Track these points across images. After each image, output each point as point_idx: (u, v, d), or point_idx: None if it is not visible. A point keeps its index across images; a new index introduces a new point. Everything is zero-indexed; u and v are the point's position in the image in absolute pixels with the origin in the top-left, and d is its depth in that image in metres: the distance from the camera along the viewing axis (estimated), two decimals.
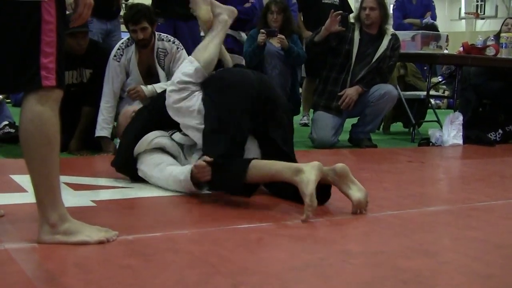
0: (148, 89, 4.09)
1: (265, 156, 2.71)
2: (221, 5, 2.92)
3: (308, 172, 2.34)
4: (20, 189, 2.68)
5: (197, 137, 2.73)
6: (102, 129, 4.08)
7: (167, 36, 4.23)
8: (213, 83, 2.75)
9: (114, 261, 1.81)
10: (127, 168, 2.95)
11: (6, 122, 4.52)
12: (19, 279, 1.63)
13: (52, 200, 1.88)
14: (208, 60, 2.78)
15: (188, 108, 2.71)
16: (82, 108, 4.18)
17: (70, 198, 2.48)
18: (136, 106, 3.59)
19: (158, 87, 4.09)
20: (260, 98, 2.69)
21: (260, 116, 2.71)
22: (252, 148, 2.73)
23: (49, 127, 1.85)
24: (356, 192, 2.47)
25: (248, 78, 2.74)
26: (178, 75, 2.79)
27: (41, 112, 1.84)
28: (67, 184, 2.79)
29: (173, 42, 4.20)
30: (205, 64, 2.77)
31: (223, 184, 2.53)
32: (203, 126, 2.67)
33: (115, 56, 4.10)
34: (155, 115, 2.97)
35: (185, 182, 2.63)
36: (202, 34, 6.36)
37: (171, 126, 2.89)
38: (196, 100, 2.71)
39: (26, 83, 1.85)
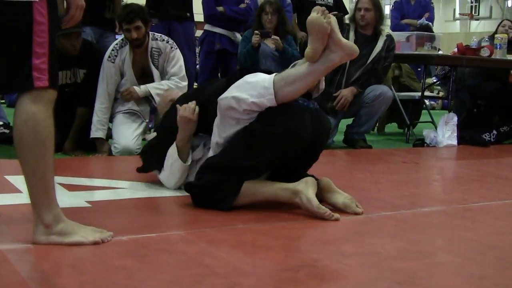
0: (141, 89, 4.11)
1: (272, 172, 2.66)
2: (342, 42, 2.35)
3: (305, 191, 2.37)
4: (14, 189, 2.68)
5: (214, 144, 2.56)
6: (97, 130, 4.08)
7: (161, 36, 4.24)
8: (264, 121, 2.40)
9: (109, 261, 1.80)
10: (153, 159, 2.86)
11: (1, 123, 4.51)
12: (13, 280, 1.63)
13: (46, 201, 1.88)
14: (286, 98, 2.39)
15: (234, 126, 2.45)
16: (76, 108, 4.18)
17: (65, 199, 2.47)
18: (176, 91, 3.60)
19: (151, 87, 4.10)
20: (304, 149, 2.47)
21: (292, 161, 2.52)
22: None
23: (43, 128, 1.84)
24: (340, 198, 2.51)
25: (303, 131, 2.42)
26: (245, 96, 2.37)
27: (35, 113, 1.83)
28: (62, 184, 2.79)
29: (167, 42, 4.21)
30: (281, 101, 2.38)
31: (208, 205, 2.47)
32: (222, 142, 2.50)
33: (109, 57, 4.10)
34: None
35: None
36: (196, 34, 6.40)
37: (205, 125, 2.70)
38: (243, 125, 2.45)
39: (18, 84, 1.84)
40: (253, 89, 2.39)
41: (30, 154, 1.84)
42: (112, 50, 4.12)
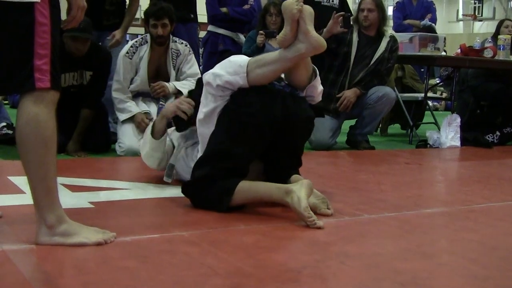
0: (170, 86, 4.17)
1: (266, 170, 2.68)
2: (310, 33, 2.43)
3: (297, 191, 2.33)
4: (18, 190, 2.68)
5: (197, 121, 2.62)
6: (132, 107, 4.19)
7: (179, 39, 4.37)
8: (237, 102, 2.48)
9: (111, 262, 1.81)
10: None
11: (4, 124, 4.52)
12: (16, 280, 1.63)
13: (49, 202, 1.88)
14: (257, 81, 2.46)
15: (213, 102, 2.52)
16: (81, 110, 4.18)
17: (68, 200, 2.48)
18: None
19: (177, 84, 4.17)
20: (279, 129, 2.49)
21: (272, 145, 2.55)
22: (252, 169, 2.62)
23: (45, 129, 1.84)
24: (311, 198, 2.46)
25: (273, 109, 2.46)
26: (222, 73, 2.47)
27: (37, 114, 1.83)
28: (65, 185, 2.80)
29: (186, 45, 4.35)
30: (252, 83, 2.45)
31: (206, 206, 2.49)
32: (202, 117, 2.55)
33: (127, 53, 4.18)
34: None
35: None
36: (200, 36, 6.41)
37: None
38: (220, 104, 2.51)
39: (19, 85, 1.84)
40: (231, 67, 2.49)
41: (32, 155, 1.84)
42: (131, 46, 4.19)
